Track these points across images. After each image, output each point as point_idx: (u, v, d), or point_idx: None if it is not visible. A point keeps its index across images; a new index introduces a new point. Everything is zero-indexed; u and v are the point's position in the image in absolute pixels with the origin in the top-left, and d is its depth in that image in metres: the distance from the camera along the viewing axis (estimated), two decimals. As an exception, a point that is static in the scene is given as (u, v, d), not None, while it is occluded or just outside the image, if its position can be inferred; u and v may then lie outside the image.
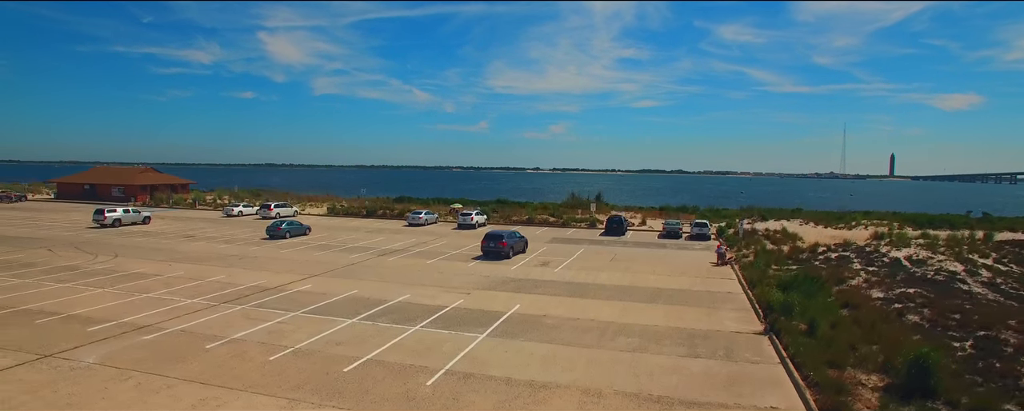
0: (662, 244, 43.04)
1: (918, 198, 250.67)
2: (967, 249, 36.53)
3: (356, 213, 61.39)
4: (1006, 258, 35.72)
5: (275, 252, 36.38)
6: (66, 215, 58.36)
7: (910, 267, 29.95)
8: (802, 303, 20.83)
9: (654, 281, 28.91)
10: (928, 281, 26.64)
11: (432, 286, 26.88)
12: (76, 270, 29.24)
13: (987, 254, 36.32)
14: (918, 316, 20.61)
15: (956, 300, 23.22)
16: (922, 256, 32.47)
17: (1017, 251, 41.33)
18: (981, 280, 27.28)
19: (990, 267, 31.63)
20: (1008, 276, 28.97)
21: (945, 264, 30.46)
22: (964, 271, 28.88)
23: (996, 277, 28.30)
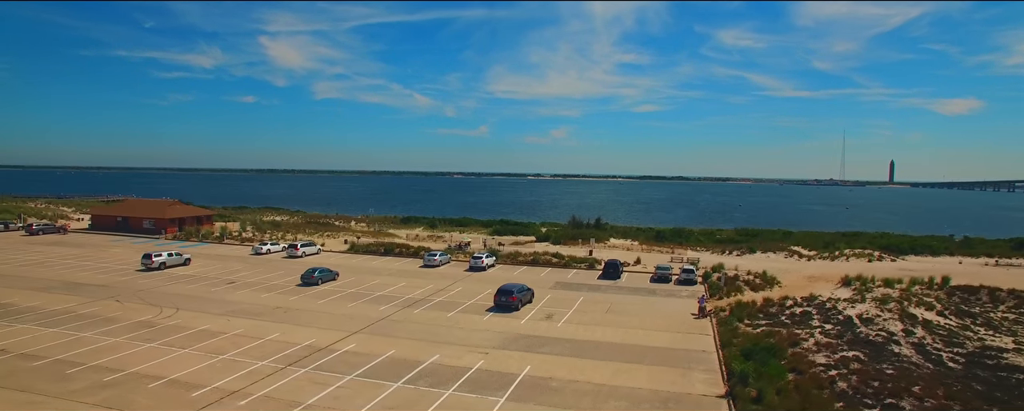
0: (652, 290, 48.33)
1: (912, 210, 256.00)
2: (915, 302, 41.84)
3: (375, 251, 66.42)
4: (948, 310, 41.09)
5: (314, 303, 41.67)
6: (109, 252, 63.72)
7: (858, 326, 35.31)
8: (757, 370, 26.16)
9: (643, 338, 34.22)
10: (868, 343, 31.99)
11: (457, 344, 32.18)
12: (153, 327, 34.53)
13: (932, 306, 41.67)
14: (846, 383, 25.92)
15: (884, 363, 28.55)
16: (872, 314, 37.80)
17: (966, 297, 46.77)
18: (913, 340, 32.64)
19: (928, 323, 36.97)
20: (938, 334, 34.33)
21: (888, 323, 35.79)
22: (902, 331, 34.24)
23: (927, 336, 33.66)
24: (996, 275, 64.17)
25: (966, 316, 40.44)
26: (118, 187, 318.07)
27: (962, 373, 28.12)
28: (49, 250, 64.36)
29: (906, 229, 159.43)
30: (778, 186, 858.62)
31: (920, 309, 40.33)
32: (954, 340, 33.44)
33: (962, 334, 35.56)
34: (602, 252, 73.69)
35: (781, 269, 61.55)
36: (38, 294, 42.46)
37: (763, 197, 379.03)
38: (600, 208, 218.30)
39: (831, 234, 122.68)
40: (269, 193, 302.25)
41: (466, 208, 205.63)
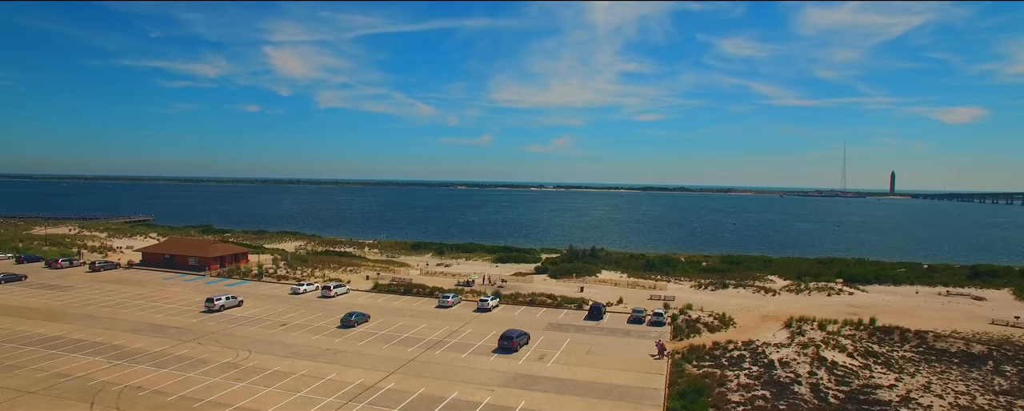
0: (627, 331, 58.97)
1: (900, 229, 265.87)
2: (833, 345, 52.45)
3: (396, 290, 77.11)
4: (858, 352, 51.71)
5: (355, 345, 52.43)
6: (169, 291, 74.68)
7: (777, 368, 45.99)
8: (685, 407, 36.82)
9: (612, 376, 44.89)
10: (777, 384, 42.68)
11: (470, 383, 42.87)
12: (238, 368, 45.28)
13: (845, 348, 52.33)
14: (747, 417, 36.61)
15: (782, 401, 39.20)
16: (791, 358, 48.50)
17: (882, 337, 57.35)
18: (813, 381, 43.32)
19: (834, 364, 47.60)
20: (836, 375, 44.97)
21: (800, 366, 46.50)
22: (807, 372, 44.93)
23: (825, 377, 44.31)
24: (931, 308, 75.13)
25: (871, 356, 51.10)
26: (135, 204, 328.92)
27: (837, 407, 38.77)
28: (118, 289, 75.31)
29: (886, 252, 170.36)
30: (778, 198, 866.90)
31: (834, 351, 51.01)
32: (845, 380, 44.11)
33: (857, 373, 46.24)
34: (592, 288, 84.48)
35: (743, 307, 72.21)
36: (136, 336, 53.32)
37: (759, 213, 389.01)
38: (598, 228, 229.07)
39: (809, 262, 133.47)
40: (279, 210, 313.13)
41: (470, 229, 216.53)
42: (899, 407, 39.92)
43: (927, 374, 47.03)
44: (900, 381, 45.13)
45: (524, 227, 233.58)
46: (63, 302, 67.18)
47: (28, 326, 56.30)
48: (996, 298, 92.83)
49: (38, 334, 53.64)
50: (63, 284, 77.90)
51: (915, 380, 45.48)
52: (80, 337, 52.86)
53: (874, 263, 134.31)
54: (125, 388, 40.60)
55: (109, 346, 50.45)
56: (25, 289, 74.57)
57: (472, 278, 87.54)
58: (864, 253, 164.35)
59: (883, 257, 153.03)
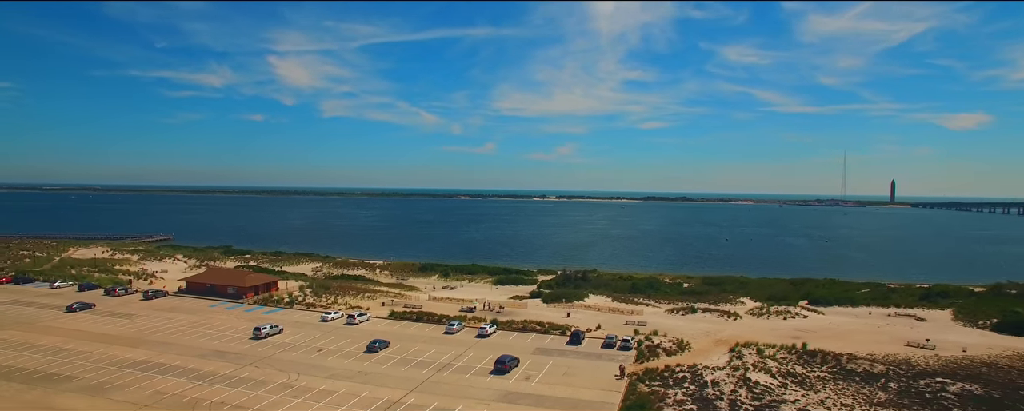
0: (600, 355, 72.29)
1: (886, 243, 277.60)
2: (761, 368, 65.69)
3: (409, 317, 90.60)
4: (780, 373, 64.91)
5: (381, 368, 65.90)
6: (217, 319, 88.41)
7: (708, 387, 59.32)
8: (629, 418, 50.15)
9: (581, 393, 58.22)
10: (705, 400, 55.96)
11: (472, 399, 56.26)
12: (292, 388, 58.76)
13: (770, 370, 65.59)
14: (673, 425, 49.94)
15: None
16: (721, 378, 61.84)
17: (806, 360, 70.47)
18: (733, 398, 56.55)
19: (756, 384, 60.80)
20: (754, 393, 58.17)
21: (726, 386, 59.81)
22: (730, 391, 58.22)
23: (744, 395, 57.54)
24: (865, 331, 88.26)
25: (790, 376, 64.38)
26: (151, 220, 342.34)
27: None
28: (174, 316, 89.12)
29: (861, 271, 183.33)
30: (778, 208, 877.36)
31: (759, 372, 64.34)
32: (759, 396, 57.43)
33: (773, 391, 59.51)
34: (578, 313, 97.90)
35: (703, 332, 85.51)
36: (205, 361, 66.98)
37: (753, 226, 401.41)
38: (593, 245, 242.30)
39: (782, 283, 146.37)
40: (289, 226, 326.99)
41: (472, 248, 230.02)
42: None
43: (829, 391, 60.27)
44: (805, 397, 58.40)
45: (523, 245, 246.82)
46: (135, 329, 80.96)
47: (118, 351, 70.02)
48: (936, 319, 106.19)
49: (128, 358, 67.33)
50: (127, 312, 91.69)
51: (817, 396, 58.72)
52: (162, 361, 66.52)
53: (842, 284, 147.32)
54: (212, 403, 54.23)
55: (186, 369, 64.10)
56: (99, 317, 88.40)
57: (474, 305, 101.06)
58: (842, 271, 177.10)
59: (857, 276, 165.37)
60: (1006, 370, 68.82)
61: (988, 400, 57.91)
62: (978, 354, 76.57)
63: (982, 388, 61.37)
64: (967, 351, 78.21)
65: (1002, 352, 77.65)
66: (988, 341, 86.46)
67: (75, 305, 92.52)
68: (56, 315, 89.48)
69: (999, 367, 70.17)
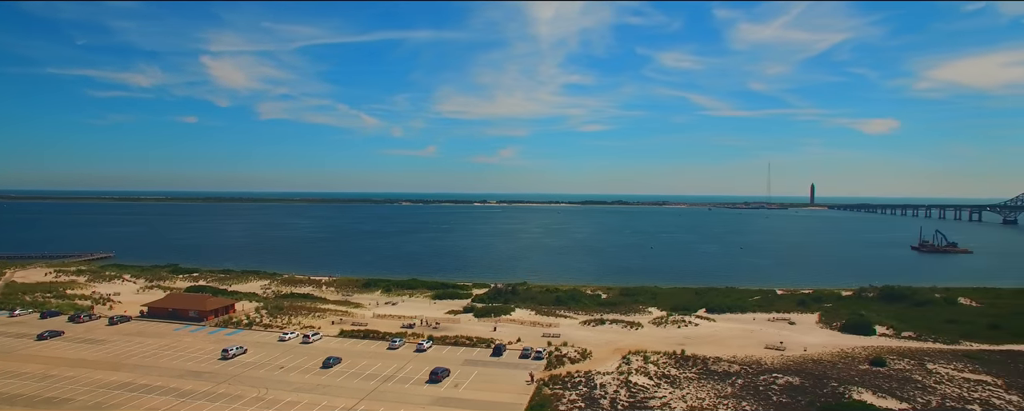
0: (516, 364, 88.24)
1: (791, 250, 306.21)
2: (641, 371, 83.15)
3: (358, 335, 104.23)
4: (657, 375, 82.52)
5: (336, 381, 79.68)
6: (184, 341, 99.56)
7: (596, 389, 76.15)
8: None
9: (497, 396, 73.87)
10: (591, 399, 72.67)
11: (412, 404, 71.02)
12: (263, 400, 71.96)
13: (649, 373, 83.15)
14: (564, 418, 66.30)
15: (590, 410, 69.10)
16: (608, 381, 78.85)
17: (681, 363, 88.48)
18: (614, 398, 73.49)
19: (635, 385, 78.05)
20: (631, 391, 75.33)
21: (611, 387, 76.83)
22: (612, 392, 75.22)
23: (623, 394, 74.60)
24: (739, 336, 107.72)
25: (664, 378, 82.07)
26: (85, 235, 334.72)
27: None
28: (144, 340, 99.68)
29: (762, 277, 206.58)
30: (707, 212, 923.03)
31: (640, 375, 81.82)
32: (634, 395, 74.64)
33: (647, 390, 76.87)
34: (503, 327, 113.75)
35: (606, 342, 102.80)
36: (184, 380, 79.07)
37: (679, 233, 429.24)
38: (525, 257, 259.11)
39: (688, 292, 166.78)
40: (233, 240, 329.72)
41: (412, 261, 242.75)
42: (657, 408, 70.54)
43: (691, 388, 78.18)
44: (671, 394, 76.04)
45: (460, 257, 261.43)
46: (111, 354, 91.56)
47: (102, 375, 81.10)
48: (804, 322, 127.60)
49: (113, 381, 78.69)
50: (98, 338, 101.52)
51: (681, 393, 76.49)
52: (144, 382, 78.28)
53: (739, 291, 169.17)
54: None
55: (168, 388, 76.18)
56: (71, 344, 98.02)
57: (413, 321, 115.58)
58: (744, 279, 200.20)
59: (755, 283, 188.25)
60: (825, 364, 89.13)
61: (799, 388, 77.19)
62: (814, 352, 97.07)
63: (800, 380, 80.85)
64: (808, 350, 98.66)
65: (832, 350, 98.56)
66: (830, 340, 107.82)
67: (46, 333, 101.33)
68: (28, 343, 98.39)
69: (821, 362, 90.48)
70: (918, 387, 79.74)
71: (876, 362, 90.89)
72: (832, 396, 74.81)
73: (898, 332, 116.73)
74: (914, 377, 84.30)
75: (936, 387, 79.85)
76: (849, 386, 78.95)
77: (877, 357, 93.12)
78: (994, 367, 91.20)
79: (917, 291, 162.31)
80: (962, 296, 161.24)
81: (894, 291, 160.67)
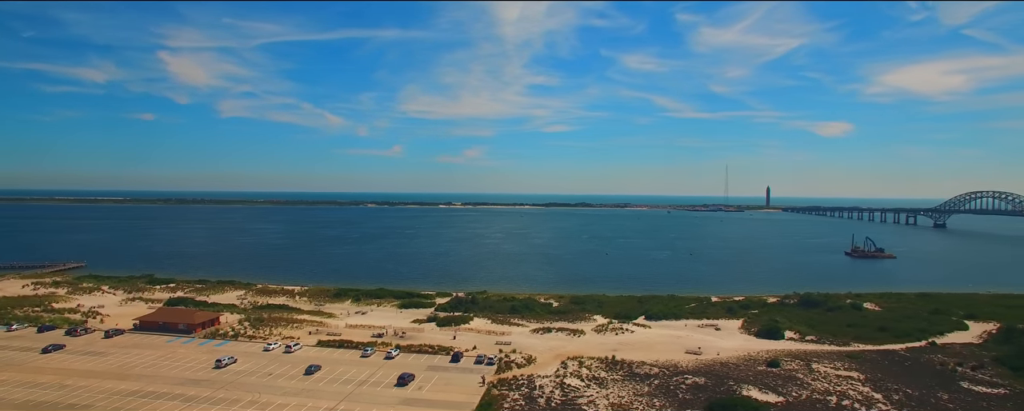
0: (471, 369, 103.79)
1: (737, 257, 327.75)
2: (575, 375, 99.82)
3: (332, 344, 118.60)
4: (588, 378, 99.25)
5: (317, 385, 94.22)
6: (179, 352, 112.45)
7: (536, 389, 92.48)
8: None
9: (453, 397, 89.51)
10: (531, 398, 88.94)
11: (383, 404, 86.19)
12: (258, 403, 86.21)
13: (582, 376, 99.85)
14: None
15: (529, 408, 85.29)
16: (547, 383, 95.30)
17: (609, 366, 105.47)
18: (549, 396, 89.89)
19: (569, 387, 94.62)
20: (564, 391, 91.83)
21: (548, 390, 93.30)
22: (549, 392, 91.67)
23: (557, 394, 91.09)
24: (667, 342, 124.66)
25: (594, 380, 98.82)
26: (50, 242, 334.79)
27: (553, 409, 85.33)
28: (142, 352, 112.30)
29: (703, 284, 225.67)
30: (666, 215, 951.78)
31: (574, 378, 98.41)
32: (567, 395, 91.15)
33: (579, 390, 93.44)
34: (462, 335, 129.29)
35: (550, 348, 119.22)
36: (188, 387, 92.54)
37: (635, 237, 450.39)
38: (485, 265, 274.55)
39: (632, 300, 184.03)
40: (203, 247, 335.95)
41: (378, 270, 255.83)
42: (584, 406, 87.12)
43: (615, 389, 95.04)
44: (598, 393, 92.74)
45: (423, 265, 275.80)
46: (115, 365, 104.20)
47: (112, 384, 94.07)
48: (728, 328, 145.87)
49: (124, 389, 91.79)
50: (98, 350, 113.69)
51: (605, 392, 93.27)
52: (152, 390, 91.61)
53: (678, 299, 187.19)
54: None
55: (174, 394, 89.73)
56: (75, 356, 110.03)
57: (382, 331, 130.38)
58: (686, 286, 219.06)
59: (695, 291, 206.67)
60: (730, 366, 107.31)
61: (702, 387, 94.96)
62: (726, 356, 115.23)
63: (705, 380, 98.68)
64: (720, 354, 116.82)
65: (741, 353, 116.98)
66: (743, 345, 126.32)
67: (50, 347, 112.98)
68: (35, 356, 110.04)
69: (728, 364, 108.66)
70: (797, 384, 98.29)
71: (772, 363, 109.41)
72: (726, 393, 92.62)
73: (803, 336, 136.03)
74: (798, 375, 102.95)
75: (811, 383, 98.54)
76: (743, 384, 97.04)
77: (774, 359, 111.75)
78: (865, 365, 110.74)
79: (830, 297, 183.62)
80: (868, 301, 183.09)
81: (811, 298, 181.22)
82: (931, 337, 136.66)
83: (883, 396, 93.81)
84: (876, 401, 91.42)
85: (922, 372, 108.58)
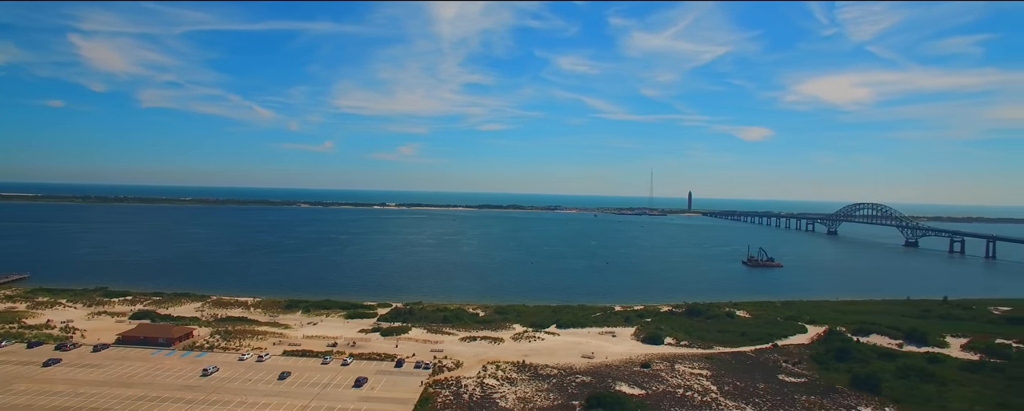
0: (412, 372, 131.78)
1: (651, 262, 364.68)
2: (491, 376, 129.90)
3: (296, 354, 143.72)
4: (505, 378, 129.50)
5: (290, 388, 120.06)
6: (165, 363, 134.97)
7: (460, 388, 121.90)
8: (419, 407, 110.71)
9: (399, 395, 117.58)
10: (458, 395, 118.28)
11: (344, 401, 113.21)
12: (246, 403, 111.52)
13: (497, 377, 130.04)
14: None
15: (456, 402, 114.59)
16: (470, 383, 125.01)
17: (519, 368, 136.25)
18: (471, 394, 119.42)
19: (488, 386, 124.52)
20: (481, 390, 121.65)
21: (470, 387, 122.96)
22: (471, 390, 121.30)
23: (478, 392, 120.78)
24: (569, 347, 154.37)
25: (507, 380, 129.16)
26: None
27: (474, 404, 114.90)
28: (134, 364, 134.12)
29: (615, 294, 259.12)
30: (593, 218, 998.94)
31: (491, 379, 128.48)
32: (485, 392, 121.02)
33: (496, 388, 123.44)
34: (403, 344, 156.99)
35: (475, 354, 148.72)
36: (184, 392, 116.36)
37: (559, 245, 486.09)
38: (419, 274, 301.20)
39: (548, 310, 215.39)
40: (144, 255, 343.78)
41: (320, 280, 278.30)
42: (496, 399, 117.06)
43: (521, 387, 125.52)
44: (508, 390, 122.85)
45: (360, 275, 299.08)
46: (114, 375, 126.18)
47: (119, 391, 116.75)
48: (623, 335, 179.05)
49: (131, 395, 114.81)
50: (93, 363, 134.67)
51: (514, 389, 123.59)
52: (156, 395, 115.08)
53: (587, 308, 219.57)
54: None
55: (175, 398, 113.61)
56: (75, 368, 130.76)
57: (336, 341, 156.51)
58: (600, 295, 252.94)
59: (604, 300, 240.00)
60: (613, 367, 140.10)
61: (587, 384, 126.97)
62: (612, 360, 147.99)
63: (591, 379, 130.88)
64: (608, 358, 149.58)
65: (624, 357, 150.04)
66: (630, 350, 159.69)
67: (50, 361, 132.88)
68: (39, 370, 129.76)
69: (611, 366, 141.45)
70: (659, 380, 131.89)
71: (644, 365, 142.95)
72: (604, 388, 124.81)
73: (678, 342, 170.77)
74: (661, 374, 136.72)
75: (669, 380, 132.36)
76: (618, 382, 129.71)
77: (647, 362, 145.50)
78: (716, 364, 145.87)
79: (712, 306, 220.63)
80: (743, 309, 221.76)
81: (696, 307, 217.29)
82: (775, 340, 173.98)
83: (717, 388, 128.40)
84: (710, 391, 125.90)
85: (756, 368, 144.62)
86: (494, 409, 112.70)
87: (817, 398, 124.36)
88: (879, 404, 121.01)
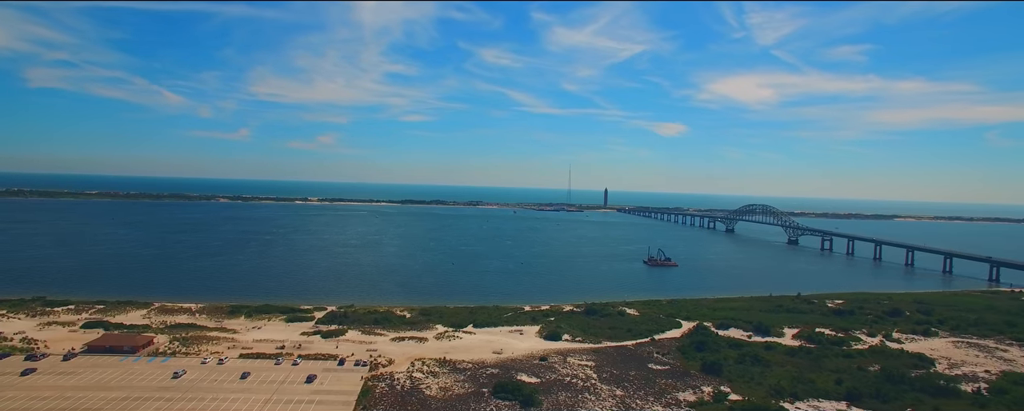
0: (352, 370, 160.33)
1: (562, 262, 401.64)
2: (419, 371, 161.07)
3: (251, 356, 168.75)
4: (431, 372, 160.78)
5: (251, 385, 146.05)
6: (135, 368, 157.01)
7: (397, 382, 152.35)
8: (361, 397, 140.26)
9: (343, 387, 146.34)
10: (392, 386, 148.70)
11: (299, 395, 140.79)
12: (217, 399, 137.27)
13: (423, 371, 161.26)
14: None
15: (390, 392, 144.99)
16: (401, 376, 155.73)
17: (448, 365, 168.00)
18: (401, 385, 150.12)
19: (418, 380, 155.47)
20: (412, 380, 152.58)
21: (401, 379, 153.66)
22: (402, 381, 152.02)
23: (408, 383, 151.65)
24: (483, 344, 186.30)
25: (431, 373, 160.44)
26: None
27: (403, 394, 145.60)
28: (107, 370, 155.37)
29: (525, 295, 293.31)
30: (512, 214, 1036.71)
31: (419, 373, 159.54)
32: (414, 382, 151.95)
33: (423, 380, 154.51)
34: (343, 345, 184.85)
35: (404, 352, 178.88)
36: (161, 392, 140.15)
37: (477, 244, 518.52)
38: (348, 276, 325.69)
39: (466, 311, 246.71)
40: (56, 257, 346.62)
41: (253, 283, 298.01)
42: (422, 389, 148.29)
43: (442, 378, 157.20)
44: (432, 382, 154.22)
45: (292, 278, 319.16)
46: (94, 380, 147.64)
47: (104, 393, 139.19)
48: (529, 333, 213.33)
49: (115, 396, 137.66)
50: (68, 370, 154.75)
51: (437, 381, 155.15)
52: (137, 396, 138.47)
53: (501, 308, 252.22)
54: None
55: (157, 398, 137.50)
56: (53, 375, 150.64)
57: (284, 344, 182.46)
58: (514, 296, 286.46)
59: (515, 301, 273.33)
60: (518, 361, 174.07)
61: (494, 375, 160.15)
62: (517, 355, 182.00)
63: (498, 371, 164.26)
64: (514, 354, 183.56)
65: (527, 352, 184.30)
66: (534, 346, 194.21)
67: (27, 370, 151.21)
68: (19, 379, 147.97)
69: (516, 359, 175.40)
70: (552, 371, 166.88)
71: (543, 359, 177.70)
72: (508, 379, 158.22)
73: (574, 338, 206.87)
74: (555, 366, 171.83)
75: (560, 370, 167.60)
76: (520, 373, 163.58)
77: (544, 355, 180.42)
78: (602, 357, 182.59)
79: (607, 306, 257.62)
80: (634, 308, 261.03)
81: (594, 307, 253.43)
82: (654, 335, 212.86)
83: (598, 376, 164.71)
84: (592, 378, 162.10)
85: (633, 359, 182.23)
86: (421, 397, 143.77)
87: (673, 381, 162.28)
88: (717, 383, 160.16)
